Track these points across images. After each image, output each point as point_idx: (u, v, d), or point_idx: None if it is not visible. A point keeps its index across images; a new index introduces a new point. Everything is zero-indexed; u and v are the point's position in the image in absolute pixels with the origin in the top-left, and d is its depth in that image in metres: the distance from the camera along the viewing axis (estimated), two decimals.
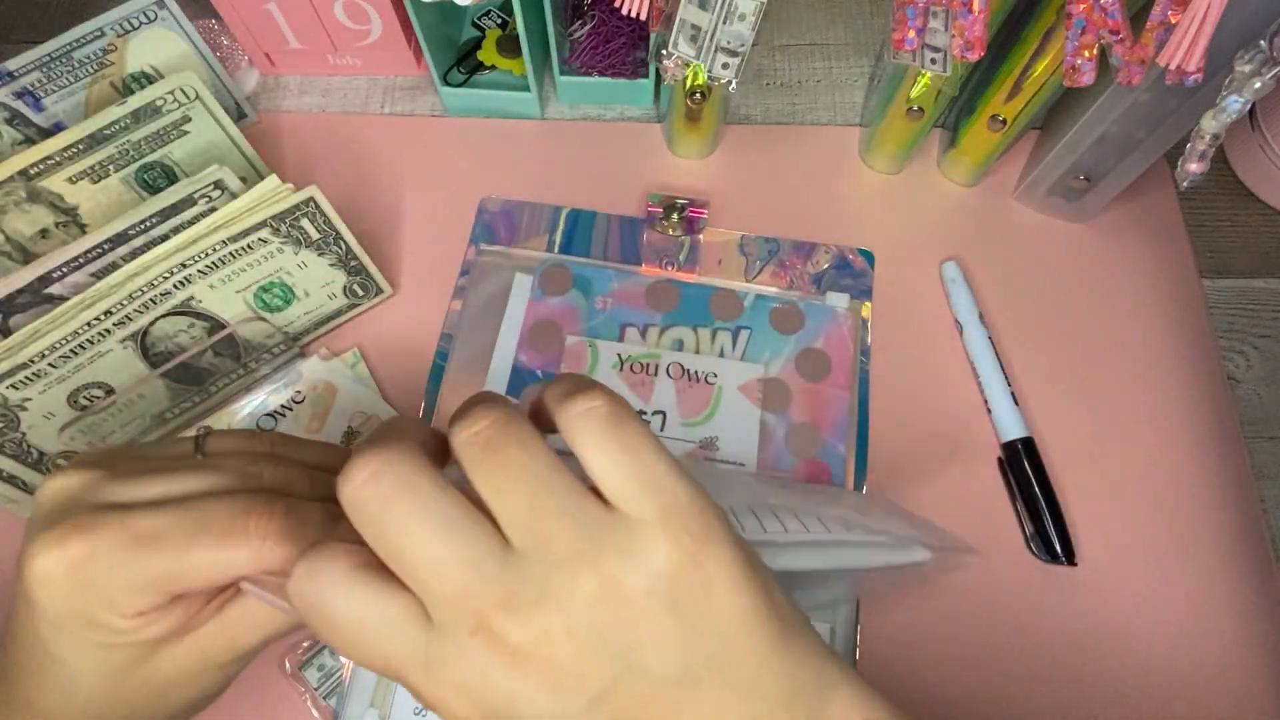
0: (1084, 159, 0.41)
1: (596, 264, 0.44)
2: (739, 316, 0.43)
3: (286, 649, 0.36)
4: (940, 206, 0.47)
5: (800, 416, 0.41)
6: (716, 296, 0.43)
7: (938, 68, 0.36)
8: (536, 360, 0.42)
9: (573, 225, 0.45)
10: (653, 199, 0.45)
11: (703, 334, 0.42)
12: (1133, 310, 0.44)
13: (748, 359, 0.42)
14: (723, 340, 0.42)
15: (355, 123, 0.49)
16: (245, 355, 0.41)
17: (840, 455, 0.40)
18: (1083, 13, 0.30)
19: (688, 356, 0.42)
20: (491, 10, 0.51)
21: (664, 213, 0.44)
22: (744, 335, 0.42)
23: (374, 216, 0.46)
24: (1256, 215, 0.48)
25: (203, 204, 0.37)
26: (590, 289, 0.43)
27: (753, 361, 0.42)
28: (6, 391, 0.34)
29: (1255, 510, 0.39)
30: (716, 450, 0.40)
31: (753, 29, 0.34)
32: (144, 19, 0.43)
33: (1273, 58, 0.29)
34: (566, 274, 0.44)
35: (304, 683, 0.35)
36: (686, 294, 0.43)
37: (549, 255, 0.44)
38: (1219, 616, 0.37)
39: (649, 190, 0.46)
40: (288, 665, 0.36)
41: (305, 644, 0.36)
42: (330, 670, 0.36)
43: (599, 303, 0.43)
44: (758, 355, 0.42)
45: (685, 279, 0.44)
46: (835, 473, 0.40)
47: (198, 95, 0.40)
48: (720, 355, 0.42)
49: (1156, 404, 0.42)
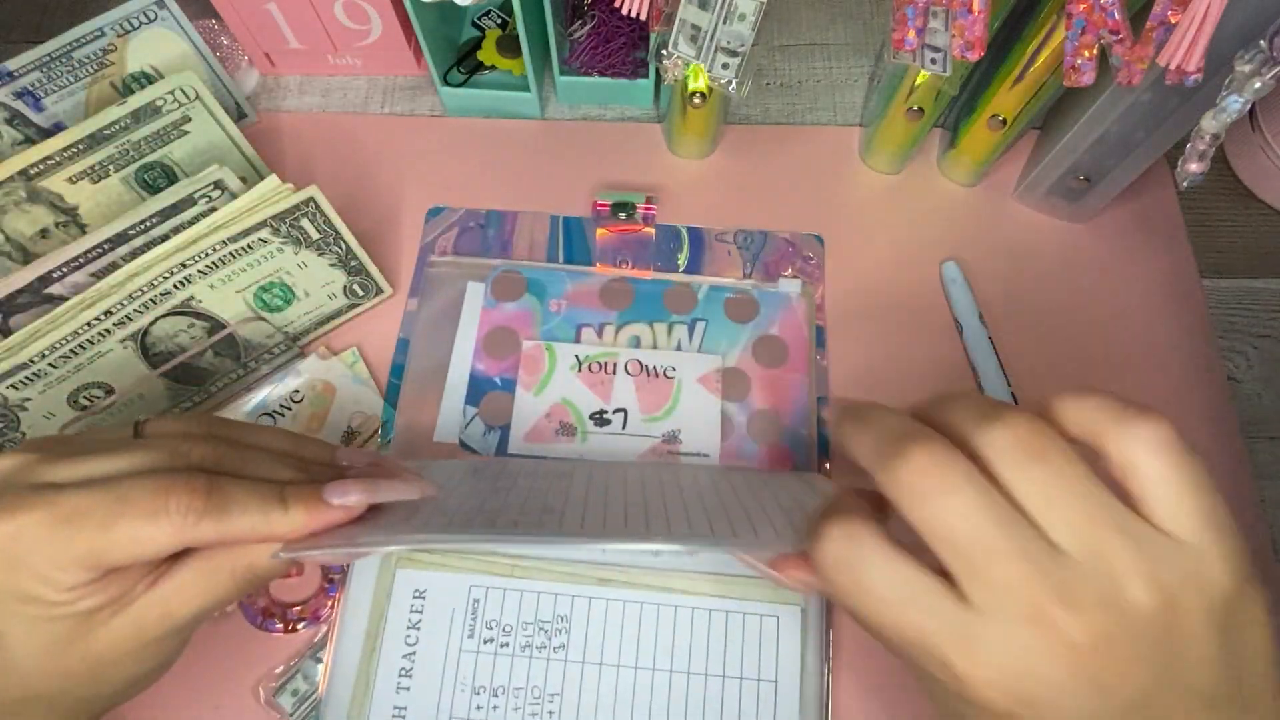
0: (1084, 159, 0.41)
1: (548, 267, 0.44)
2: (694, 309, 0.43)
3: (260, 678, 0.36)
4: (940, 206, 0.47)
5: (761, 403, 0.41)
6: (671, 291, 0.44)
7: (938, 68, 0.36)
8: (494, 367, 0.42)
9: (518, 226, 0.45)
10: (601, 196, 0.45)
11: (659, 329, 0.43)
12: (1133, 310, 0.44)
13: (705, 350, 0.42)
14: (679, 334, 0.43)
15: (355, 123, 0.49)
16: (245, 355, 0.41)
17: (803, 439, 0.41)
18: (1083, 13, 0.30)
19: (645, 353, 0.42)
20: (491, 10, 0.51)
21: (611, 211, 0.44)
22: (700, 327, 0.43)
23: (374, 216, 0.46)
24: (1256, 215, 0.48)
25: (203, 204, 0.37)
26: (544, 293, 0.44)
27: (710, 352, 0.42)
28: (6, 391, 0.34)
29: (1255, 510, 0.39)
30: (679, 443, 0.40)
31: (753, 29, 0.34)
32: (144, 19, 0.43)
33: (1273, 58, 0.29)
34: (520, 279, 0.44)
35: (279, 709, 0.35)
36: (641, 291, 0.44)
37: (500, 262, 0.44)
38: None
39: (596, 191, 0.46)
40: (262, 694, 0.36)
41: (279, 670, 0.36)
42: (304, 695, 0.35)
43: (553, 305, 0.43)
44: (715, 346, 0.42)
45: (639, 275, 0.44)
46: (800, 457, 0.40)
47: (198, 95, 0.40)
48: (678, 349, 0.42)
49: (1156, 404, 0.41)
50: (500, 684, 0.35)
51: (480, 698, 0.35)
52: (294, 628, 0.37)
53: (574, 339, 0.42)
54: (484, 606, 0.36)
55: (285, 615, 0.37)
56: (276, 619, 0.37)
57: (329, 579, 0.38)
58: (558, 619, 0.36)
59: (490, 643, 0.35)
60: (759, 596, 0.36)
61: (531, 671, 0.35)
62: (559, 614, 0.36)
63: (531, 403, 0.41)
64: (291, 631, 0.37)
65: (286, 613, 0.37)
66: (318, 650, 0.36)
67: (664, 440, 0.40)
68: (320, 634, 0.37)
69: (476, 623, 0.36)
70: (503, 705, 0.35)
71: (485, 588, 0.36)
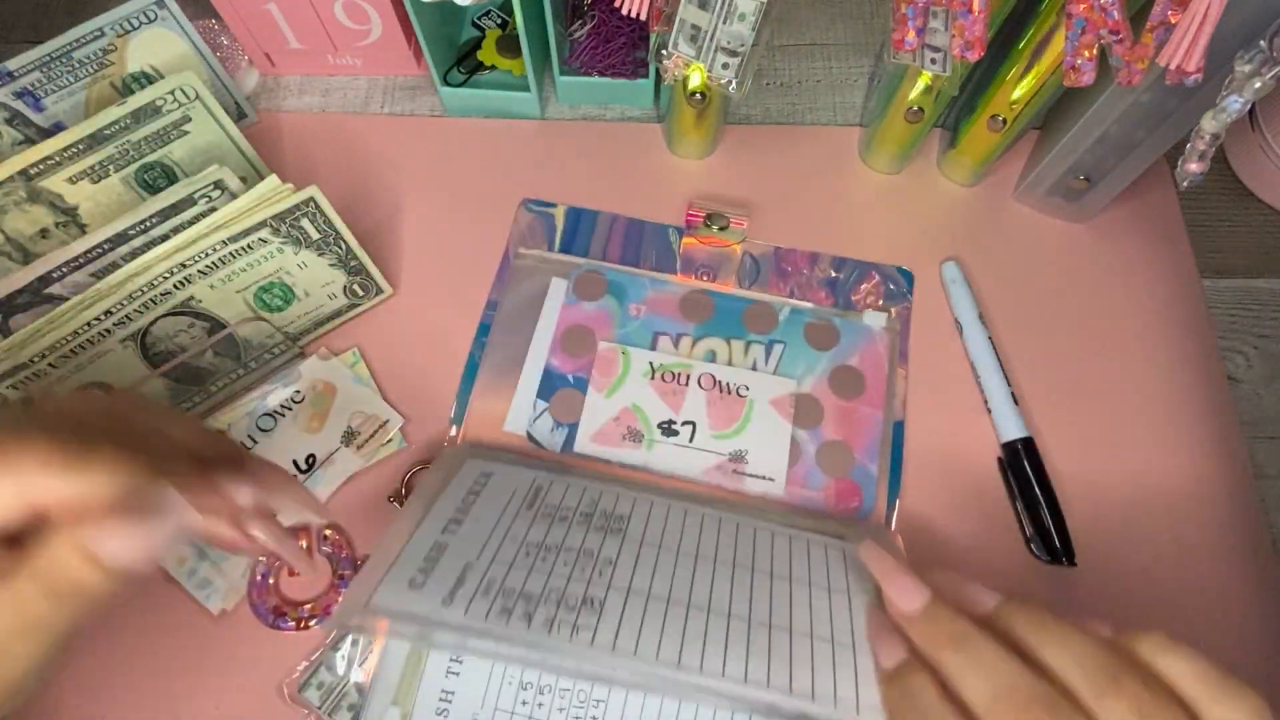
0: (1084, 159, 0.41)
1: (631, 271, 0.44)
2: (773, 330, 0.43)
3: (281, 676, 0.36)
4: (940, 206, 0.47)
5: (832, 434, 0.40)
6: (751, 309, 0.43)
7: (938, 68, 0.36)
8: (569, 364, 0.42)
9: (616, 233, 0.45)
10: (696, 205, 0.44)
11: (736, 346, 0.42)
12: (1133, 310, 0.44)
13: (780, 373, 0.42)
14: (755, 353, 0.42)
15: (355, 123, 0.49)
16: (245, 355, 0.41)
17: (872, 475, 0.40)
18: (1083, 13, 0.30)
19: (720, 368, 0.42)
20: (491, 10, 0.51)
21: (705, 221, 0.44)
22: (777, 349, 0.42)
23: (374, 216, 0.46)
24: (1256, 215, 0.48)
25: (203, 204, 0.37)
26: (625, 296, 0.43)
27: (785, 376, 0.42)
28: (6, 391, 0.34)
29: (1255, 510, 0.39)
30: (745, 463, 0.40)
31: (753, 29, 0.34)
32: (144, 19, 0.43)
33: (1273, 58, 0.29)
34: (601, 280, 0.44)
35: (307, 705, 0.35)
36: (721, 305, 0.43)
37: (585, 260, 0.44)
38: (1220, 616, 0.37)
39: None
40: (286, 691, 0.36)
41: (301, 666, 0.36)
42: (330, 686, 0.35)
43: (633, 310, 0.43)
44: (791, 370, 0.42)
45: (721, 289, 0.44)
46: (866, 493, 0.39)
47: (198, 95, 0.40)
48: (753, 368, 0.42)
49: (1156, 404, 0.42)
50: (553, 543, 0.33)
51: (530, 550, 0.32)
52: (306, 625, 0.37)
53: (650, 346, 0.42)
54: (547, 493, 0.36)
55: (297, 613, 0.37)
56: (289, 617, 0.37)
57: (340, 575, 0.38)
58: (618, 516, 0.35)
59: (547, 517, 0.34)
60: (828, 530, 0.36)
61: (588, 539, 0.33)
62: (619, 513, 0.35)
63: (602, 404, 0.41)
64: (304, 629, 0.37)
65: (298, 610, 0.37)
66: (337, 641, 0.36)
67: (730, 459, 0.40)
68: None
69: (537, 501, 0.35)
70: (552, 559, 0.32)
71: (550, 480, 0.37)
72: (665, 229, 0.45)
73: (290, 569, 0.38)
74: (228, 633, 0.37)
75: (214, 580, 0.38)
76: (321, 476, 0.40)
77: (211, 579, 0.38)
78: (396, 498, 0.39)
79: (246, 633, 0.37)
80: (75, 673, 0.37)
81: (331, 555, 0.38)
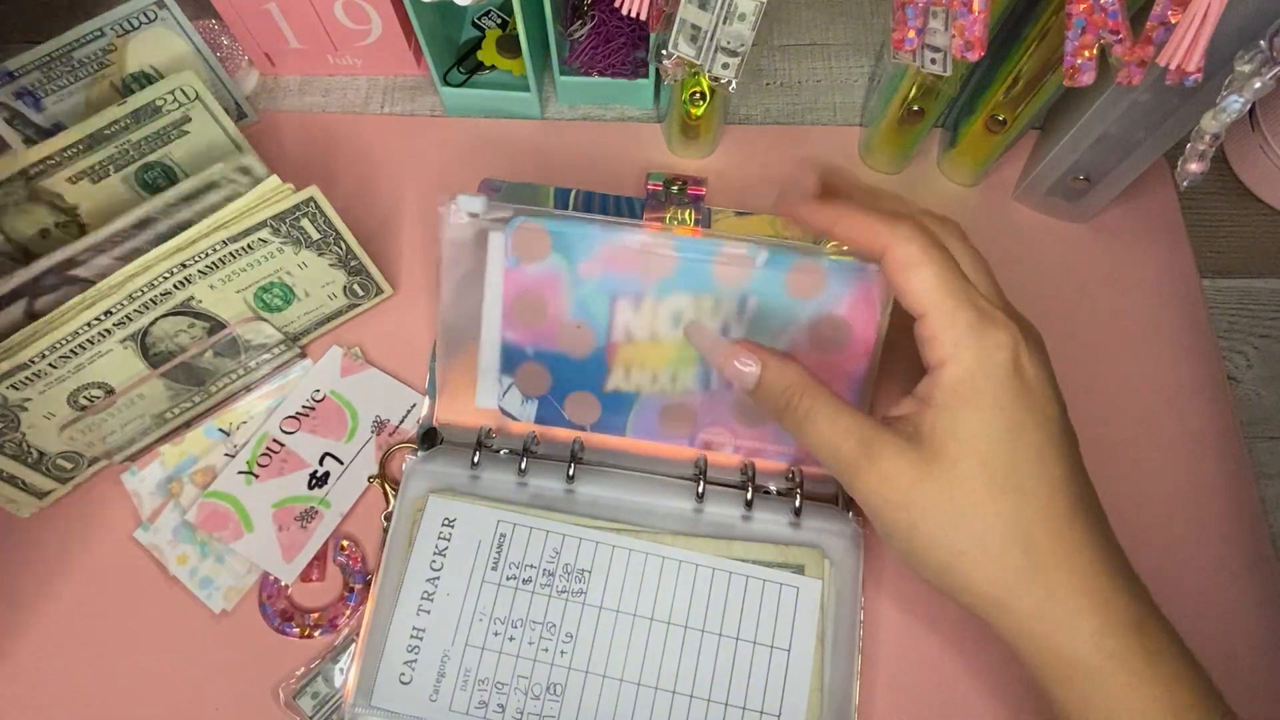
0: (1084, 159, 0.41)
1: (577, 216, 0.37)
2: (747, 283, 0.37)
3: (278, 680, 0.36)
4: (940, 206, 0.46)
5: None
6: (722, 257, 0.36)
7: (938, 68, 0.36)
8: (526, 336, 0.38)
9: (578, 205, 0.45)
10: (653, 177, 0.44)
11: (704, 303, 0.37)
12: (1133, 310, 0.44)
13: (752, 332, 0.37)
14: (727, 312, 0.37)
15: (355, 123, 0.49)
16: (245, 355, 0.41)
17: None
18: (1083, 13, 0.30)
19: None
20: (491, 10, 0.51)
21: (664, 189, 0.43)
22: (752, 304, 0.37)
23: (374, 216, 0.46)
24: (1256, 215, 0.48)
25: (228, 189, 0.37)
26: (573, 252, 0.37)
27: (758, 334, 0.37)
28: (6, 391, 0.34)
29: (1255, 510, 0.39)
30: None
31: (753, 29, 0.34)
32: (144, 19, 0.43)
33: (1273, 58, 0.29)
34: (543, 234, 0.37)
35: (299, 711, 0.35)
36: (686, 256, 0.37)
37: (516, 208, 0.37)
38: (1220, 616, 0.37)
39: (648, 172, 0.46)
40: (281, 696, 0.36)
41: (299, 672, 0.36)
42: (324, 698, 0.36)
43: (583, 269, 0.37)
44: (765, 324, 0.37)
45: (684, 233, 0.38)
46: None
47: (198, 95, 0.40)
48: (724, 331, 0.37)
49: (1156, 404, 0.42)
50: (518, 617, 0.36)
51: (498, 626, 0.36)
52: (310, 634, 0.37)
53: (608, 314, 0.37)
54: (510, 542, 0.37)
55: (303, 621, 0.37)
56: (294, 624, 0.37)
57: (349, 588, 0.38)
58: (579, 572, 0.37)
59: (512, 579, 0.37)
60: (780, 562, 0.37)
61: (550, 610, 0.36)
62: (580, 567, 0.37)
63: None
64: (307, 637, 0.37)
65: (305, 618, 0.37)
66: (338, 654, 0.36)
67: None
68: (340, 637, 0.37)
69: (500, 558, 0.37)
70: (519, 638, 0.36)
71: (512, 524, 0.37)
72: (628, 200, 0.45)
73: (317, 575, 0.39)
74: (228, 633, 0.37)
75: (215, 579, 0.38)
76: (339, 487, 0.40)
77: (213, 578, 0.38)
78: (375, 479, 0.40)
79: (247, 633, 0.37)
80: (74, 670, 0.37)
81: (345, 566, 0.38)
